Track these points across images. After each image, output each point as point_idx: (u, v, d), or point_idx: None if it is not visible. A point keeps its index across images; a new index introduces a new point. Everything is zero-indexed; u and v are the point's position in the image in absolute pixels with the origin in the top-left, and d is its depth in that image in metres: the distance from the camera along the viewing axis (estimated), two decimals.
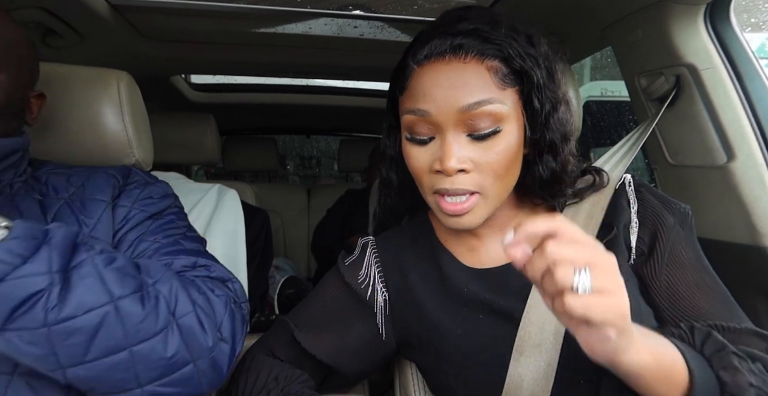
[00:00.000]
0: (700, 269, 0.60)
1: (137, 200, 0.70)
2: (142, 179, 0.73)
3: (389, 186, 0.73)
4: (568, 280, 0.39)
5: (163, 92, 1.80)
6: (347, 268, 0.70)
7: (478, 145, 0.56)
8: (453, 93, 0.55)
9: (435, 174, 0.57)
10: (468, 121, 0.55)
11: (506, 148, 0.56)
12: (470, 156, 0.56)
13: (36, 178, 0.69)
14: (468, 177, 0.56)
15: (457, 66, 0.56)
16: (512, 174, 0.59)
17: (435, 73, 0.56)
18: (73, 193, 0.68)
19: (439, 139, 0.57)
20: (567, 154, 0.61)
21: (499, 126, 0.55)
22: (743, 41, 0.87)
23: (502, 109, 0.55)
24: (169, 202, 0.73)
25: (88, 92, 0.76)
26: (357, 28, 1.23)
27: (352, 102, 2.16)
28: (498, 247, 0.65)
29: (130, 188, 0.71)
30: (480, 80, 0.55)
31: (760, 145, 0.83)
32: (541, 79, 0.57)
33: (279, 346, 0.71)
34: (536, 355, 0.57)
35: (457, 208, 0.56)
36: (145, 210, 0.69)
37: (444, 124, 0.56)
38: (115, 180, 0.70)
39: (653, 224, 0.61)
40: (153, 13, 1.14)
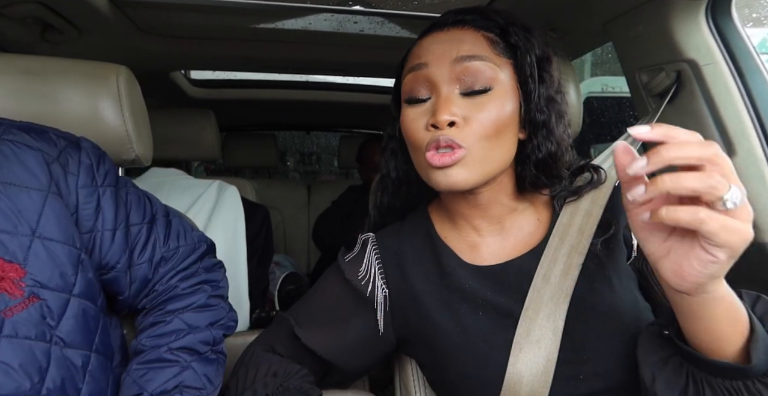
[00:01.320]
0: None
1: (95, 174, 0.65)
2: (68, 141, 0.65)
3: (387, 180, 0.73)
4: (723, 188, 0.36)
5: (162, 88, 1.80)
6: (347, 264, 0.70)
7: (470, 101, 0.59)
8: (449, 46, 0.60)
9: (428, 131, 0.60)
10: (461, 76, 0.59)
11: (497, 109, 0.59)
12: (462, 112, 0.58)
13: None
14: (458, 131, 0.58)
15: (455, 31, 0.62)
16: (502, 143, 0.60)
17: (434, 36, 0.63)
18: None
19: (434, 98, 0.60)
20: (561, 132, 0.64)
21: (491, 85, 0.59)
22: (744, 37, 0.86)
23: (495, 69, 0.59)
24: (106, 157, 0.69)
25: (87, 87, 0.76)
26: (357, 23, 1.23)
27: (352, 98, 2.16)
28: (497, 242, 0.66)
29: (75, 162, 0.63)
30: (475, 41, 0.61)
31: (760, 141, 0.83)
32: (535, 57, 0.61)
33: (279, 341, 0.71)
34: (535, 351, 0.57)
35: (444, 159, 0.58)
36: (109, 184, 0.66)
37: (439, 77, 0.60)
38: (43, 154, 0.60)
39: None
40: (152, 9, 1.13)
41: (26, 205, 0.55)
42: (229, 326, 0.74)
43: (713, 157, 0.37)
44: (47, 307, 0.54)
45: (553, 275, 0.60)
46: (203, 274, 0.76)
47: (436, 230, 0.70)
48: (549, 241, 0.63)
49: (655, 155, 0.37)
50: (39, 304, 0.53)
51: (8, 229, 0.53)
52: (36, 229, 0.55)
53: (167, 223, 0.74)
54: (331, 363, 0.69)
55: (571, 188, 0.66)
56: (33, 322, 0.53)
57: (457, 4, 0.68)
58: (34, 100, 0.74)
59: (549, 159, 0.63)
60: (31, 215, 0.55)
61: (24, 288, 0.52)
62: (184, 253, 0.74)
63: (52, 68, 0.76)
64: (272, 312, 1.57)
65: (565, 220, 0.64)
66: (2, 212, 0.53)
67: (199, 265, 0.76)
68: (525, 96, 0.62)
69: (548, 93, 0.62)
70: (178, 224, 0.76)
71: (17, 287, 0.52)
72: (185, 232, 0.76)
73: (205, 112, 1.49)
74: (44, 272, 0.55)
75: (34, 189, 0.56)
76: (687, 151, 0.37)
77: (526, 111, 0.61)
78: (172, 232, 0.74)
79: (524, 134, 0.63)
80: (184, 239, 0.75)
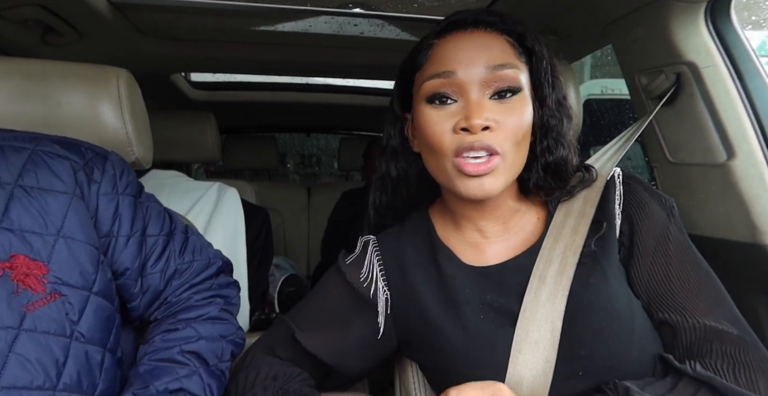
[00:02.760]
0: (686, 261, 0.60)
1: (116, 184, 0.67)
2: (96, 154, 0.69)
3: (386, 180, 0.73)
4: None
5: (162, 90, 1.80)
6: (348, 266, 0.70)
7: (500, 106, 0.58)
8: (478, 54, 0.59)
9: (458, 134, 0.58)
10: (492, 82, 0.58)
11: (524, 114, 0.59)
12: (494, 116, 0.58)
13: None
14: (492, 135, 0.57)
15: (479, 34, 0.60)
16: (524, 147, 0.61)
17: (458, 41, 0.61)
18: (19, 175, 0.60)
19: (462, 101, 0.59)
20: (571, 136, 0.65)
21: (520, 86, 0.59)
22: (744, 39, 0.86)
23: (521, 76, 0.60)
24: (133, 173, 0.72)
25: (88, 90, 0.76)
26: (357, 26, 1.23)
27: (352, 100, 2.16)
28: (500, 243, 0.66)
29: (99, 171, 0.67)
30: (502, 47, 0.60)
31: (760, 143, 0.83)
32: (548, 63, 0.62)
33: (279, 344, 0.71)
34: (534, 352, 0.57)
35: (480, 168, 0.57)
36: (129, 193, 0.68)
37: (469, 84, 0.58)
38: (72, 162, 0.65)
39: (634, 214, 0.62)
40: (152, 11, 1.13)
41: (53, 207, 0.59)
42: (237, 343, 0.75)
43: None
44: (69, 303, 0.57)
45: (549, 275, 0.60)
46: (217, 289, 0.77)
47: (437, 232, 0.70)
48: (543, 242, 0.63)
49: None
50: (61, 300, 0.56)
51: (35, 229, 0.57)
52: (60, 229, 0.59)
53: (185, 239, 0.76)
54: (332, 366, 0.68)
55: (565, 188, 0.66)
56: (53, 318, 0.55)
57: (457, 6, 0.68)
58: (35, 104, 0.74)
59: (561, 162, 0.64)
60: (57, 216, 0.59)
61: (46, 284, 0.55)
62: (198, 267, 0.75)
63: (53, 72, 0.76)
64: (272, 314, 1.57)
65: (559, 220, 0.64)
66: (31, 214, 0.58)
67: (214, 281, 0.77)
68: (540, 100, 0.62)
69: (558, 98, 0.64)
70: (196, 240, 0.78)
71: (40, 283, 0.55)
72: (202, 248, 0.78)
73: (206, 114, 1.49)
74: (66, 270, 0.58)
75: (60, 192, 0.60)
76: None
77: (540, 115, 0.62)
78: (188, 247, 0.75)
79: (533, 137, 0.64)
80: (199, 254, 0.76)
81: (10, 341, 0.53)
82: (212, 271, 0.77)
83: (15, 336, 0.53)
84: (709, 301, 0.58)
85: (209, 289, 0.76)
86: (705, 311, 0.57)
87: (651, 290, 0.60)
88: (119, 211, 0.66)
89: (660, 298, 0.59)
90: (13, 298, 0.54)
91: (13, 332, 0.53)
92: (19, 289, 0.54)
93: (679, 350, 0.57)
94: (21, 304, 0.54)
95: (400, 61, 0.70)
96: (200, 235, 0.82)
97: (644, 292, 0.60)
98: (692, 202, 0.92)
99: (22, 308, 0.54)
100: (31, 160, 0.61)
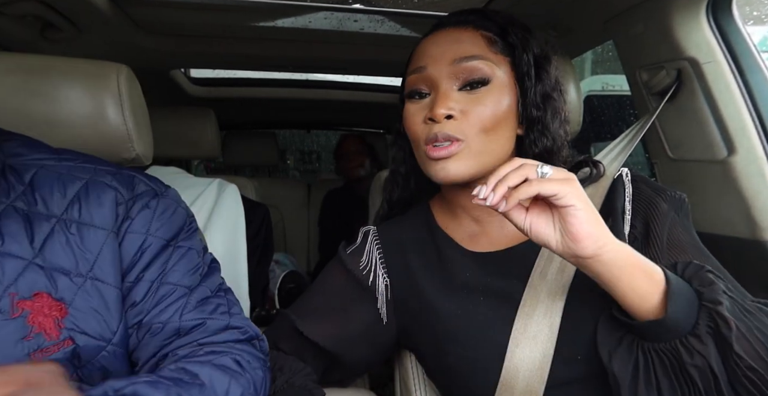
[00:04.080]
0: (701, 254, 0.61)
1: (151, 223, 0.58)
2: (150, 189, 0.61)
3: (397, 174, 0.77)
4: (533, 171, 0.48)
5: (162, 86, 1.79)
6: (349, 255, 0.72)
7: (469, 96, 0.62)
8: (447, 48, 0.63)
9: (426, 124, 0.62)
10: (459, 73, 0.62)
11: (495, 103, 0.61)
12: (459, 106, 0.61)
13: (15, 170, 0.55)
14: (455, 124, 0.61)
15: (453, 31, 0.64)
16: (499, 136, 0.63)
17: (434, 38, 0.65)
18: (66, 208, 0.54)
19: (433, 94, 0.63)
20: (557, 128, 0.66)
21: (489, 78, 0.61)
22: (745, 35, 0.86)
23: (492, 67, 0.62)
24: (183, 217, 0.62)
25: (88, 85, 0.76)
26: (357, 22, 1.23)
27: (352, 96, 2.16)
28: (497, 231, 0.67)
29: (140, 206, 0.58)
30: (473, 41, 0.63)
31: (760, 139, 0.83)
32: (533, 55, 0.64)
33: (281, 338, 0.72)
34: (532, 347, 0.58)
35: (441, 152, 0.60)
36: (161, 236, 0.58)
37: (438, 78, 0.62)
38: (117, 194, 0.58)
39: (646, 211, 0.63)
40: (151, 6, 1.13)
41: (89, 244, 0.54)
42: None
43: (520, 164, 0.50)
44: (77, 353, 0.51)
45: (550, 272, 0.61)
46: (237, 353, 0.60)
47: (436, 220, 0.71)
48: None
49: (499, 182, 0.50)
50: (72, 348, 0.51)
51: (66, 267, 0.52)
52: (91, 269, 0.53)
53: (206, 296, 0.61)
54: (334, 354, 0.69)
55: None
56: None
57: (457, 2, 0.68)
58: (34, 100, 0.74)
59: (545, 154, 0.65)
60: (91, 254, 0.54)
61: (62, 329, 0.51)
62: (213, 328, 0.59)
63: (53, 67, 0.76)
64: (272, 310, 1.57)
65: None
66: (65, 251, 0.53)
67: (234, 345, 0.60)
68: (522, 92, 0.64)
69: (545, 90, 0.65)
70: (224, 303, 0.61)
71: (56, 328, 0.50)
72: (227, 308, 0.61)
73: (205, 110, 1.49)
74: (86, 316, 0.52)
75: (98, 227, 0.55)
76: (503, 171, 0.50)
77: (522, 107, 0.64)
78: (217, 309, 0.60)
79: (522, 130, 0.66)
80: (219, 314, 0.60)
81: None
82: (234, 336, 0.59)
83: None
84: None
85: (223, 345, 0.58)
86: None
87: None
88: (141, 251, 0.57)
89: None
90: (23, 343, 0.48)
91: None
92: (32, 334, 0.49)
93: None
94: (29, 351, 0.49)
95: (400, 57, 0.71)
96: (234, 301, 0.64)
97: None
98: (692, 198, 0.92)
99: (29, 357, 0.48)
100: (83, 191, 0.56)
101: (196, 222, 0.66)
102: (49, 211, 0.54)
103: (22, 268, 0.50)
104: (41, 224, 0.53)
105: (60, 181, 0.56)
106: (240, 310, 0.63)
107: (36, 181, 0.55)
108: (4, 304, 0.48)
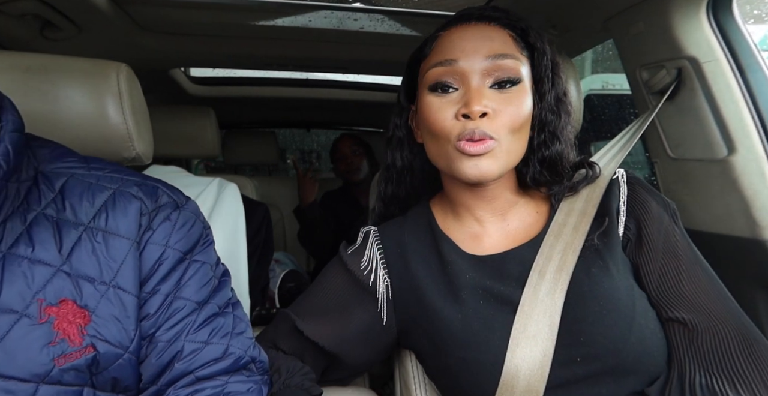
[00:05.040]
0: (695, 262, 0.62)
1: (171, 235, 0.59)
2: (172, 201, 0.61)
3: (392, 170, 0.75)
4: None
5: (162, 85, 1.79)
6: (349, 256, 0.72)
7: (500, 95, 0.60)
8: (481, 44, 0.61)
9: (459, 121, 0.60)
10: (492, 71, 0.61)
11: (522, 104, 0.61)
12: (492, 104, 0.60)
13: (47, 177, 0.56)
14: (489, 122, 0.59)
15: (482, 27, 0.63)
16: (522, 137, 0.63)
17: (462, 32, 0.63)
18: (93, 217, 0.56)
19: (462, 89, 0.62)
20: (568, 132, 0.66)
21: (519, 78, 0.61)
22: (745, 33, 0.86)
23: (522, 68, 0.61)
24: (200, 229, 0.63)
25: (88, 84, 0.76)
26: (357, 20, 1.23)
27: (352, 95, 2.15)
28: (499, 233, 0.68)
29: (161, 218, 0.59)
30: (504, 39, 0.62)
31: (761, 138, 0.83)
32: (549, 60, 0.64)
33: (281, 337, 0.71)
34: (532, 346, 0.58)
35: (479, 147, 0.59)
36: (179, 249, 0.59)
37: (470, 72, 0.61)
38: (141, 205, 0.59)
39: (639, 213, 0.64)
40: (151, 5, 1.13)
41: (113, 253, 0.55)
42: None
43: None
44: (97, 360, 0.53)
45: (549, 271, 0.61)
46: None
47: (438, 222, 0.71)
48: (544, 239, 0.64)
49: None
50: (93, 355, 0.52)
51: (91, 275, 0.53)
52: (114, 277, 0.55)
53: (214, 313, 0.61)
54: (334, 355, 0.69)
55: (568, 184, 0.67)
56: (79, 371, 0.52)
57: (457, 1, 0.68)
58: (34, 98, 0.74)
59: (556, 156, 0.66)
60: (115, 263, 0.55)
61: (85, 336, 0.52)
62: (208, 354, 0.58)
63: (53, 66, 0.76)
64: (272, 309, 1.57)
65: (561, 218, 0.65)
66: (96, 259, 0.54)
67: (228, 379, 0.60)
68: (539, 96, 0.64)
69: (558, 95, 0.65)
70: (229, 322, 0.61)
71: (79, 334, 0.52)
72: (231, 328, 0.61)
73: (205, 109, 1.49)
74: (108, 324, 0.54)
75: (123, 237, 0.56)
76: None
77: (539, 110, 0.64)
78: (220, 330, 0.60)
79: (532, 132, 0.66)
80: (220, 338, 0.59)
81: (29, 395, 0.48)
82: (228, 364, 0.59)
83: (35, 390, 0.49)
84: (719, 302, 0.59)
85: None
86: (720, 313, 0.58)
87: (663, 288, 0.61)
88: (159, 263, 0.58)
89: (671, 296, 0.60)
90: (48, 349, 0.50)
91: (34, 386, 0.49)
92: (57, 339, 0.50)
93: (699, 352, 0.57)
94: (54, 356, 0.50)
95: (400, 56, 0.71)
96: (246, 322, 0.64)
97: (655, 289, 0.61)
98: (692, 197, 0.92)
99: (53, 361, 0.50)
100: (110, 201, 0.57)
101: (212, 234, 0.66)
102: (77, 218, 0.55)
103: (51, 275, 0.51)
104: (69, 231, 0.54)
105: (89, 190, 0.57)
106: (246, 326, 0.63)
107: (66, 189, 0.56)
108: (32, 310, 0.50)
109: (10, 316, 0.49)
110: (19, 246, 0.51)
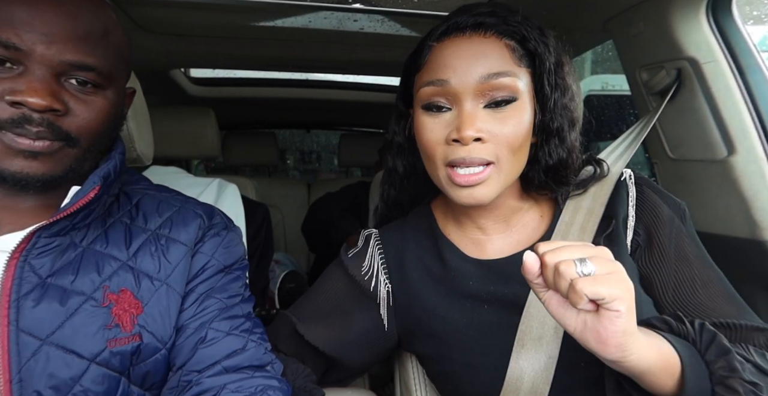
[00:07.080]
0: (706, 265, 0.61)
1: (217, 249, 0.67)
2: (223, 222, 0.71)
3: (394, 175, 0.74)
4: (571, 270, 0.43)
5: (162, 86, 1.79)
6: (350, 259, 0.71)
7: (495, 115, 0.57)
8: (473, 63, 0.57)
9: (449, 145, 0.58)
10: (486, 91, 0.57)
11: (521, 122, 0.58)
12: (487, 127, 0.57)
13: (127, 195, 0.67)
14: (484, 147, 0.57)
15: (477, 39, 0.58)
16: (523, 153, 0.60)
17: (455, 46, 0.59)
18: (160, 225, 0.65)
19: (455, 110, 0.58)
20: (573, 140, 0.63)
21: (516, 96, 0.57)
22: (745, 34, 0.86)
23: (519, 83, 0.57)
24: (241, 251, 0.72)
25: None
26: (357, 21, 1.23)
27: (352, 96, 2.15)
28: (502, 239, 0.66)
29: (212, 233, 0.68)
30: (499, 53, 0.58)
31: (760, 139, 0.83)
32: (552, 64, 0.60)
33: (281, 340, 0.71)
34: (537, 348, 0.57)
35: (471, 178, 0.57)
36: (221, 261, 0.67)
37: (462, 94, 0.57)
38: (201, 220, 0.68)
39: (649, 218, 0.62)
40: (151, 6, 1.13)
41: (172, 256, 0.64)
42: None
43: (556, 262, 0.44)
44: (140, 350, 0.59)
45: None
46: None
47: (439, 226, 0.70)
48: (552, 239, 0.63)
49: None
50: (138, 344, 0.58)
51: (150, 271, 0.62)
52: (168, 276, 0.63)
53: (236, 315, 0.66)
54: (334, 358, 0.69)
55: (575, 181, 0.66)
56: (123, 357, 0.57)
57: (457, 2, 0.67)
58: None
59: (559, 165, 0.63)
60: (171, 264, 0.63)
61: (135, 325, 0.59)
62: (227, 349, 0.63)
63: None
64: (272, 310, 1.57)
65: (567, 218, 0.64)
66: (153, 258, 0.63)
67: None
68: (541, 104, 0.61)
69: (563, 101, 0.61)
70: (249, 324, 0.66)
71: (131, 322, 0.59)
72: (251, 327, 0.66)
73: (205, 110, 1.49)
74: (155, 317, 0.60)
75: (182, 243, 0.65)
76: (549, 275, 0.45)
77: (541, 117, 0.61)
78: (240, 326, 0.65)
79: (535, 138, 0.63)
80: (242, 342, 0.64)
81: (80, 372, 0.55)
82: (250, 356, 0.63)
83: (86, 368, 0.55)
84: (730, 302, 0.58)
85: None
86: (728, 314, 0.57)
87: (679, 297, 0.59)
88: (203, 269, 0.66)
89: (689, 304, 0.59)
90: (104, 331, 0.56)
91: (87, 363, 0.55)
92: (113, 323, 0.57)
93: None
94: (108, 338, 0.57)
95: (400, 57, 0.69)
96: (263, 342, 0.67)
97: (671, 298, 0.60)
98: (692, 198, 0.92)
99: (107, 342, 0.56)
100: (176, 214, 0.67)
101: (248, 260, 0.75)
102: (146, 226, 0.65)
103: (117, 267, 0.60)
104: (139, 235, 0.64)
105: (159, 205, 0.68)
106: (263, 334, 0.68)
107: (141, 203, 0.67)
108: (98, 295, 0.58)
109: (80, 297, 0.57)
110: (96, 243, 0.60)
